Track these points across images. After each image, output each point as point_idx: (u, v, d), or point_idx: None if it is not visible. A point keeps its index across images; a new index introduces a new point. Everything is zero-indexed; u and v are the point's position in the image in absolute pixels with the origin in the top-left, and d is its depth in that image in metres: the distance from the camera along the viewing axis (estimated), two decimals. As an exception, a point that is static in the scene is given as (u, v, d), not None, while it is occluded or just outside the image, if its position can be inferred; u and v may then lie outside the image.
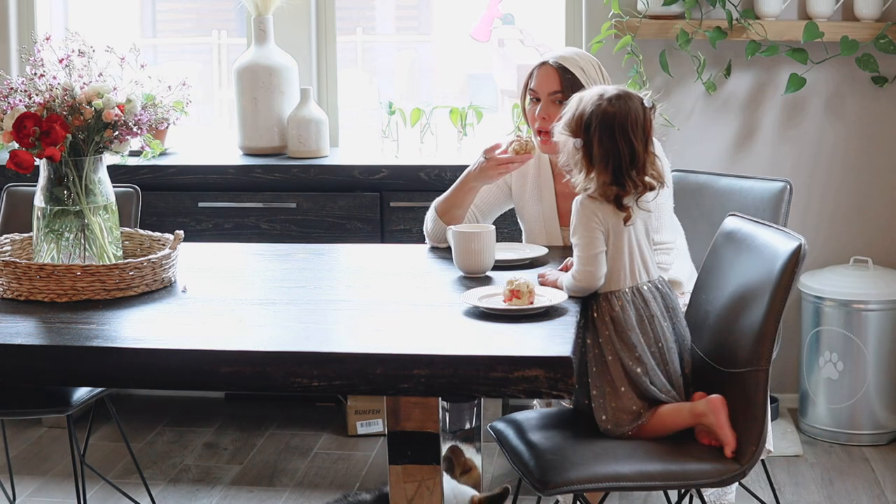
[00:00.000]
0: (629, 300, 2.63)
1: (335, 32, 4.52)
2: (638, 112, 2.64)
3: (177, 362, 2.34)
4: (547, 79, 3.09)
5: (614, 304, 2.62)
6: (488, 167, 3.07)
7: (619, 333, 2.61)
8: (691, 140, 4.24)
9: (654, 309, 2.64)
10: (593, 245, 2.60)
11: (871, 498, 3.67)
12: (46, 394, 3.15)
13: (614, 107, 2.62)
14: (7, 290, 2.68)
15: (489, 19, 4.56)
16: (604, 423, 2.64)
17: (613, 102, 2.62)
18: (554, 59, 3.09)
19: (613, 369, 2.62)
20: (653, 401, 2.63)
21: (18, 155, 2.65)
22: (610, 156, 2.60)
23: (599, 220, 2.61)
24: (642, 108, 2.65)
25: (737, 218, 2.81)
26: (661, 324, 2.64)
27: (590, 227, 2.61)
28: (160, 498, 3.71)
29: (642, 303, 2.63)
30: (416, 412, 2.38)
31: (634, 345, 2.60)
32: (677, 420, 2.63)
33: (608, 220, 2.62)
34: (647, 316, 2.63)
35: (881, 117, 4.21)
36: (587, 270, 2.60)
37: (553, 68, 3.09)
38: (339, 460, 4.00)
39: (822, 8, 4.06)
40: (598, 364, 2.63)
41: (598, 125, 2.61)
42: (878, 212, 4.27)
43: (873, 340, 3.99)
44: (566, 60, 3.09)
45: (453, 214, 3.12)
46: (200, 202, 4.06)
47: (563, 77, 3.07)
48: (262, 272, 3.00)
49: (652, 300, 2.65)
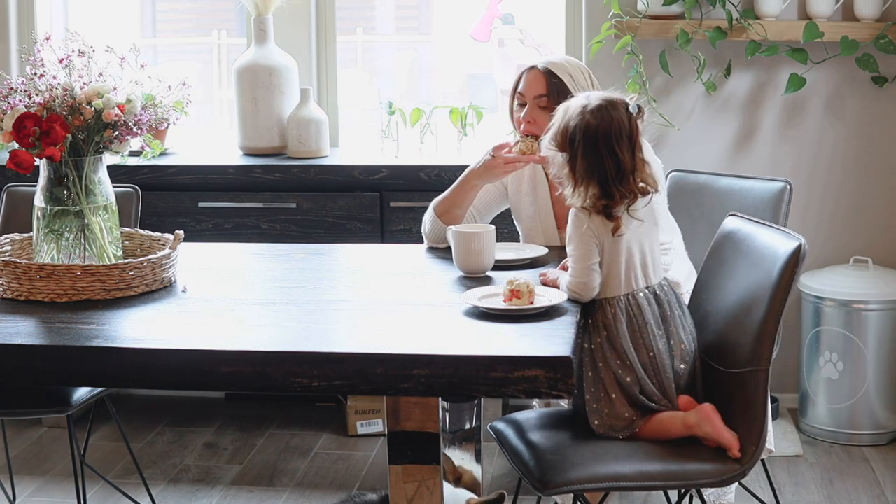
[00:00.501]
0: (622, 308, 2.62)
1: (335, 32, 4.52)
2: (622, 121, 2.59)
3: (177, 362, 2.34)
4: (534, 82, 3.10)
5: (607, 312, 2.62)
6: (494, 165, 3.06)
7: (611, 340, 2.61)
8: (691, 140, 4.24)
9: (647, 317, 2.62)
10: (586, 257, 2.60)
11: (871, 498, 3.67)
12: (46, 394, 3.15)
13: (597, 119, 2.58)
14: (7, 290, 2.68)
15: (489, 19, 4.56)
16: (597, 427, 2.64)
17: (596, 114, 2.59)
18: (542, 64, 3.10)
19: (605, 375, 2.62)
20: (646, 408, 2.63)
21: (18, 155, 2.65)
22: (595, 169, 2.58)
23: (592, 231, 2.60)
24: (627, 115, 2.61)
25: (737, 218, 2.81)
26: (655, 332, 2.63)
27: (583, 239, 2.60)
28: (160, 498, 3.71)
29: (637, 310, 2.62)
30: (416, 412, 2.38)
31: (625, 353, 2.60)
32: (672, 427, 2.62)
33: (600, 230, 2.60)
34: (640, 325, 2.61)
35: (881, 117, 4.21)
36: (580, 282, 2.60)
37: (540, 72, 3.09)
38: (339, 460, 4.00)
39: (822, 8, 4.06)
40: (592, 369, 2.63)
41: (582, 139, 2.58)
42: (878, 212, 4.27)
43: (873, 340, 3.99)
44: (554, 66, 3.09)
45: (453, 214, 3.12)
46: (200, 202, 4.06)
47: (550, 81, 3.07)
48: (262, 272, 3.00)
49: (647, 307, 2.63)
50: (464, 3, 4.86)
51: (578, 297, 2.61)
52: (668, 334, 2.65)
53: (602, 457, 2.57)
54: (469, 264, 2.85)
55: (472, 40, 4.59)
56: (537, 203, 3.20)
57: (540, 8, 4.64)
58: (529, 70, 3.12)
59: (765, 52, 4.05)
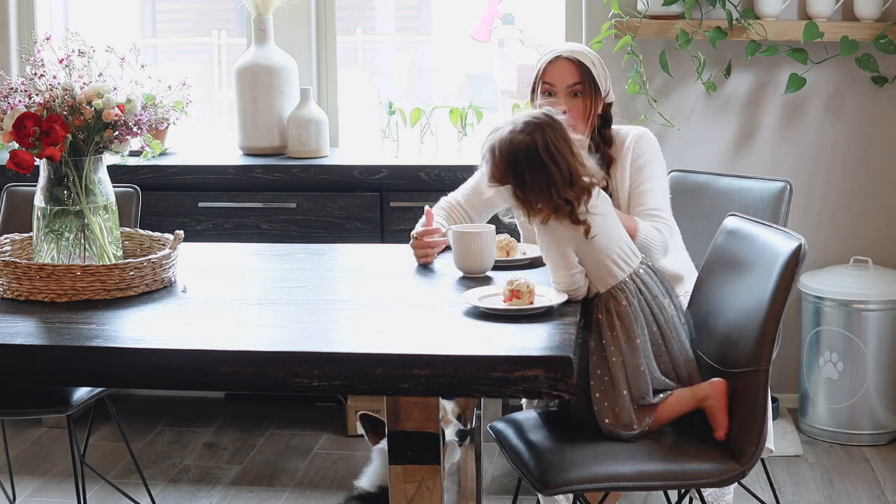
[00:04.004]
0: (633, 291, 2.62)
1: (335, 32, 4.52)
2: (550, 127, 2.57)
3: (177, 362, 2.34)
4: (565, 71, 3.07)
5: (620, 299, 2.62)
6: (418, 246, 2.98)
7: (626, 328, 2.61)
8: (691, 140, 4.24)
9: (654, 290, 2.64)
10: (566, 265, 2.59)
11: (871, 498, 3.67)
12: (46, 394, 3.15)
13: (528, 134, 2.56)
14: (7, 290, 2.68)
15: (489, 19, 4.56)
16: (608, 426, 2.62)
17: (525, 131, 2.56)
18: (568, 53, 3.08)
19: (618, 371, 2.61)
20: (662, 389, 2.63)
21: (18, 155, 2.65)
22: (546, 182, 2.55)
23: (564, 237, 2.59)
24: (549, 120, 2.58)
25: (737, 218, 2.81)
26: (662, 302, 2.64)
27: (559, 249, 2.59)
28: (160, 498, 3.71)
29: (644, 287, 2.63)
30: (416, 412, 2.38)
31: (636, 335, 2.60)
32: (682, 406, 2.63)
33: (571, 233, 2.59)
34: (650, 298, 2.63)
35: (881, 117, 4.21)
36: (569, 292, 2.59)
37: (570, 61, 3.07)
38: (339, 460, 4.00)
39: (822, 8, 4.06)
40: (601, 367, 2.62)
41: (524, 159, 2.55)
42: (878, 212, 4.27)
43: (873, 340, 4.00)
44: (579, 54, 3.08)
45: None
46: (200, 202, 4.06)
47: (581, 69, 3.06)
48: (262, 272, 2.99)
49: (650, 281, 2.65)
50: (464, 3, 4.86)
51: (572, 298, 2.61)
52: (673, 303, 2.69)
53: (602, 457, 2.57)
54: (469, 264, 2.85)
55: (472, 40, 4.59)
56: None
57: (540, 8, 4.64)
58: (555, 60, 3.08)
59: (765, 52, 4.05)
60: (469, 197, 3.23)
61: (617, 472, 2.53)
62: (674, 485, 2.60)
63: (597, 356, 2.63)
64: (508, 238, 3.00)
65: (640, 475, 2.53)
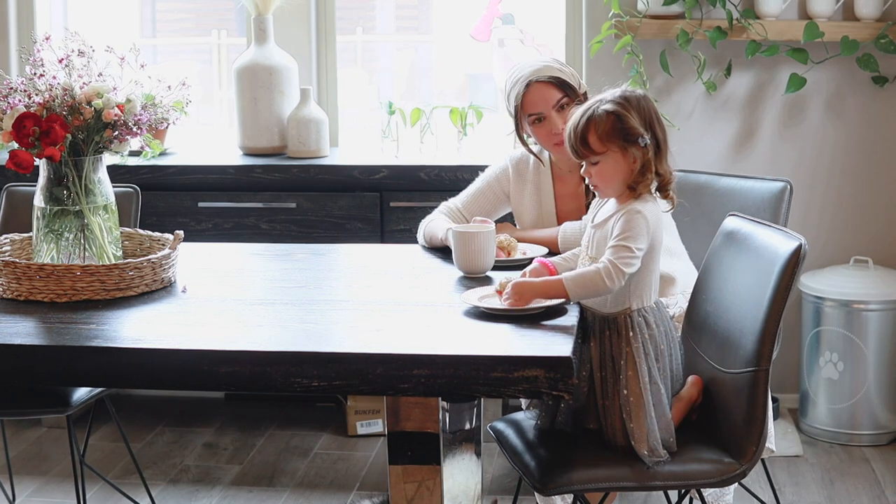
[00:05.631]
0: (660, 317, 2.59)
1: (335, 32, 4.52)
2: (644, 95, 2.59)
3: (176, 362, 2.34)
4: (544, 93, 3.09)
5: (650, 322, 2.57)
6: None
7: (656, 353, 2.56)
8: (691, 140, 4.24)
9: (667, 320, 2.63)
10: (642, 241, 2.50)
11: (872, 498, 3.66)
12: (46, 394, 3.15)
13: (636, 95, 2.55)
14: (7, 290, 2.68)
15: (489, 19, 4.55)
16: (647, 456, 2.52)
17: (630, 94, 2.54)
18: (535, 76, 3.08)
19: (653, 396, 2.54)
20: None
21: (18, 155, 2.65)
22: (661, 148, 2.55)
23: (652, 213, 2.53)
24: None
25: (737, 218, 2.81)
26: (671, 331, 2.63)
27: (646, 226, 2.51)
28: (160, 498, 3.71)
29: (661, 316, 2.61)
30: (416, 412, 2.38)
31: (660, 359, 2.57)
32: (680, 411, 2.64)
33: (656, 226, 2.54)
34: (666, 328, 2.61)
35: (881, 117, 4.21)
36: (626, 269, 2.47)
37: (542, 83, 3.08)
38: (339, 460, 4.00)
39: (822, 8, 4.06)
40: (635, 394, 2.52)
41: (657, 118, 2.54)
42: (878, 212, 4.27)
43: (873, 340, 3.99)
44: (546, 70, 3.09)
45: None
46: (200, 202, 4.06)
47: (556, 82, 3.08)
48: (262, 272, 2.99)
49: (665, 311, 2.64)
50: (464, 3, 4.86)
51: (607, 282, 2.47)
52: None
53: (602, 457, 2.56)
54: (469, 264, 2.85)
55: (472, 40, 4.58)
56: (541, 207, 3.20)
57: (540, 8, 4.64)
58: (529, 87, 3.08)
59: (765, 51, 4.05)
60: (469, 203, 3.24)
61: (617, 473, 2.53)
62: (674, 485, 2.60)
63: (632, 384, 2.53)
64: (508, 238, 3.00)
65: (640, 475, 2.53)
